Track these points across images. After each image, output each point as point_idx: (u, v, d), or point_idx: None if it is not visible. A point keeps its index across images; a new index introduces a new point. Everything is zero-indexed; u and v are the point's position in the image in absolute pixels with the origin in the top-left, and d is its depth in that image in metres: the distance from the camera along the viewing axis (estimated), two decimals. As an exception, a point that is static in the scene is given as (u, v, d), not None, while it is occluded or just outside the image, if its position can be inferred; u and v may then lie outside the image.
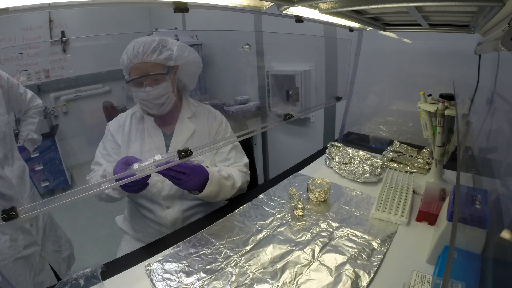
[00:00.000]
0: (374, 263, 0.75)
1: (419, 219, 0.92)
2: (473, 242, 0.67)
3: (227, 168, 1.09)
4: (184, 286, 0.71)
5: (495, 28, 0.70)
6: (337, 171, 1.27)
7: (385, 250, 0.80)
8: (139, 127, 1.08)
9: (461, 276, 0.61)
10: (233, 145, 1.15)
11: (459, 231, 0.66)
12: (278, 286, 0.70)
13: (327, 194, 1.05)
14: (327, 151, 1.38)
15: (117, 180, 0.72)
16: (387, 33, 1.34)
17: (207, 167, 0.98)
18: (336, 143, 1.37)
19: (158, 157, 0.76)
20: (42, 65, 2.93)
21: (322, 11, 0.77)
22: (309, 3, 0.74)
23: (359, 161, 1.25)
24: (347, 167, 1.25)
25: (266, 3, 0.77)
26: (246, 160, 1.17)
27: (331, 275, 0.72)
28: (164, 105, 1.03)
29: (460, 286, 0.58)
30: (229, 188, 1.04)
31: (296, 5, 0.74)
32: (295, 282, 0.71)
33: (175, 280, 0.73)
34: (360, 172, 1.20)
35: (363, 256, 0.78)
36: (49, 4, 0.50)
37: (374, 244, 0.82)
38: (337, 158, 1.31)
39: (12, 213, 0.53)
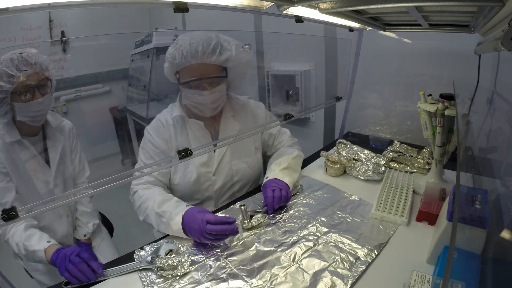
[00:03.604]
0: (355, 274, 0.72)
1: (419, 219, 0.92)
2: (473, 242, 0.67)
3: (287, 159, 1.12)
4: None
5: (495, 28, 0.70)
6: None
7: (370, 261, 0.76)
8: (183, 129, 1.03)
9: (461, 276, 0.61)
10: (277, 130, 1.22)
11: (459, 231, 0.66)
12: (251, 284, 0.70)
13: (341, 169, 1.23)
14: (335, 148, 1.38)
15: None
16: (387, 33, 1.35)
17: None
18: (344, 141, 1.37)
19: None
20: (42, 65, 2.93)
21: (322, 11, 0.77)
22: (309, 3, 0.74)
23: (364, 159, 1.25)
24: (353, 164, 1.25)
25: (266, 3, 0.77)
26: (288, 132, 1.27)
27: (307, 280, 0.71)
28: (217, 108, 0.99)
29: (460, 286, 0.58)
30: (298, 171, 1.18)
31: (296, 5, 0.74)
32: (269, 283, 0.70)
33: None
34: (364, 169, 1.21)
35: (345, 264, 0.75)
36: (49, 4, 0.50)
37: (360, 253, 0.78)
38: (344, 153, 1.30)
39: (12, 213, 0.53)
